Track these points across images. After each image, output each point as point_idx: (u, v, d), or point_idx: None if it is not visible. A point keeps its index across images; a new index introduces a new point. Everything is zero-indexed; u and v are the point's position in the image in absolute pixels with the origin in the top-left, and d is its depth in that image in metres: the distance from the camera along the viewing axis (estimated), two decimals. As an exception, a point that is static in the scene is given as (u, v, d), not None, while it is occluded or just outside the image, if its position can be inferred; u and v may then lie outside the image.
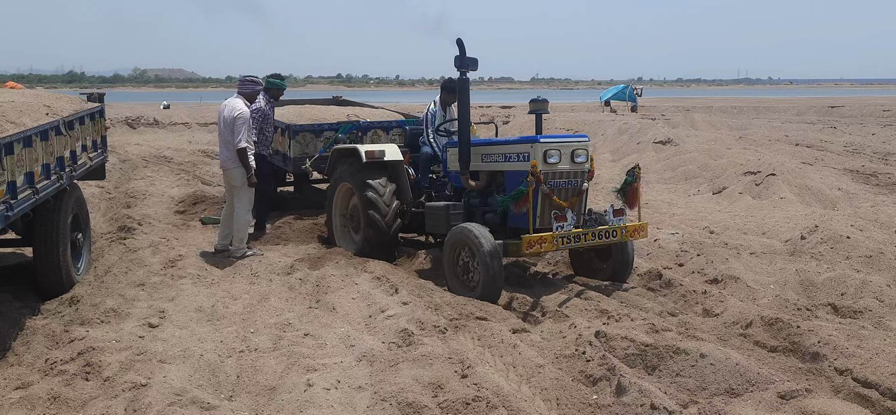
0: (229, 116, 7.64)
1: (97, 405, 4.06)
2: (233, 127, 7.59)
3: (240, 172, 7.72)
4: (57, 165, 5.98)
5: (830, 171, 13.34)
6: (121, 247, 7.91)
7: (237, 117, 7.60)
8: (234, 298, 6.16)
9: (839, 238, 7.63)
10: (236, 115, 7.61)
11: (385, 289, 6.23)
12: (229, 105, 7.74)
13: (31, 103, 6.11)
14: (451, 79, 7.63)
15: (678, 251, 7.68)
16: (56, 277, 6.23)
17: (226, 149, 7.75)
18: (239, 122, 7.59)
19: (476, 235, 6.12)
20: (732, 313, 5.60)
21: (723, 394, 4.26)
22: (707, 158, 14.95)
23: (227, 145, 7.72)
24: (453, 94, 7.57)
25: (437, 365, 4.45)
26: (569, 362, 4.77)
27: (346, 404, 4.07)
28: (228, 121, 7.64)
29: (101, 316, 5.54)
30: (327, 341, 5.01)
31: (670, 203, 11.53)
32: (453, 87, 7.52)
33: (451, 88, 7.67)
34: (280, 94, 9.10)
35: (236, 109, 7.67)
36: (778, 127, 25.14)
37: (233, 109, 7.68)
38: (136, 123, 26.98)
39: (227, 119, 7.66)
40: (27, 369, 4.67)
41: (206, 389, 4.32)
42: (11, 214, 4.90)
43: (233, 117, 7.61)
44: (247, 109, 7.75)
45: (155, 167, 14.80)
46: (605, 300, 6.09)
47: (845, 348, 4.67)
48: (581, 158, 6.49)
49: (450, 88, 7.71)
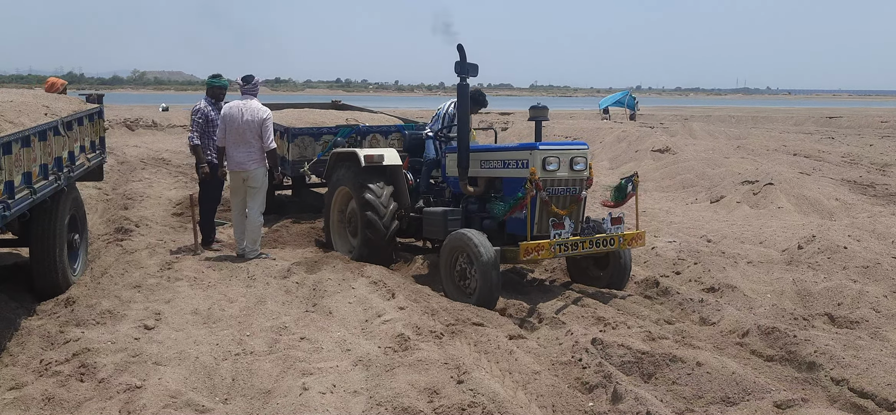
0: (255, 118, 7.55)
1: (91, 407, 4.05)
2: (261, 128, 7.56)
3: (262, 173, 7.70)
4: (55, 166, 5.97)
5: (828, 181, 13.36)
6: (118, 248, 7.91)
7: (266, 119, 7.61)
8: (230, 300, 6.15)
9: (836, 248, 7.64)
10: (265, 116, 7.61)
11: (382, 294, 6.22)
12: (249, 107, 7.59)
13: (29, 103, 6.10)
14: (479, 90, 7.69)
15: (675, 259, 7.68)
16: (52, 277, 6.22)
17: (244, 150, 7.62)
18: (268, 123, 7.62)
19: (474, 241, 6.11)
20: (729, 322, 5.59)
21: (719, 402, 4.25)
22: (705, 166, 14.97)
23: (247, 147, 7.61)
24: (477, 104, 7.65)
25: (432, 370, 4.44)
26: (565, 368, 4.77)
27: (342, 408, 4.06)
28: (254, 123, 7.54)
29: (96, 317, 5.52)
30: (323, 345, 5.00)
31: (668, 211, 11.53)
32: (478, 99, 7.62)
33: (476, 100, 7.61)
34: (222, 94, 8.63)
35: (261, 110, 7.63)
36: (776, 137, 25.18)
37: (256, 110, 7.59)
38: (134, 125, 26.98)
39: (251, 122, 7.54)
40: (22, 370, 4.65)
41: (202, 391, 4.30)
42: (8, 214, 4.88)
43: (261, 119, 7.57)
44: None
45: (153, 169, 14.79)
46: (601, 308, 6.09)
47: (842, 358, 4.67)
48: (580, 166, 6.49)
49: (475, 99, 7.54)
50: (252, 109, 7.61)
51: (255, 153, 7.66)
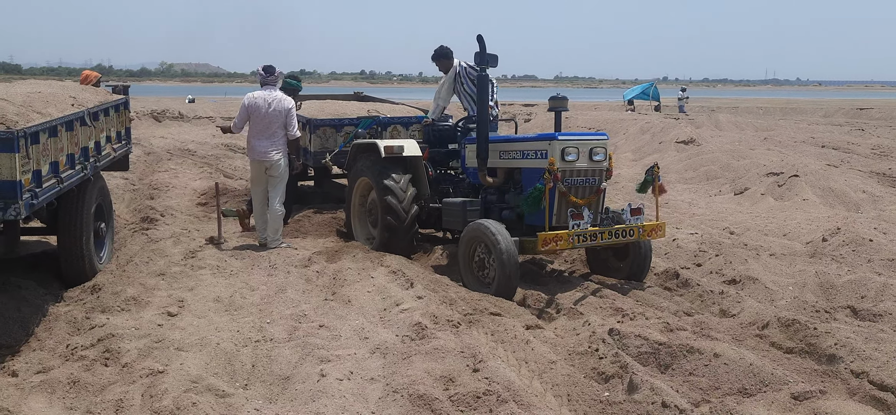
0: (281, 108, 7.79)
1: (115, 390, 4.14)
2: (287, 117, 7.81)
3: (283, 163, 7.90)
4: (81, 156, 6.09)
5: (856, 173, 13.15)
6: (143, 237, 8.04)
7: (291, 108, 7.89)
8: (251, 288, 6.23)
9: (861, 241, 7.54)
10: (289, 106, 7.88)
11: (400, 283, 6.27)
12: (277, 98, 7.82)
13: (57, 94, 6.22)
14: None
15: (697, 251, 7.63)
16: (79, 265, 6.35)
17: (267, 141, 7.79)
18: (293, 111, 7.90)
19: (492, 231, 6.13)
20: (749, 314, 5.56)
21: (735, 394, 4.24)
22: (730, 158, 14.81)
23: (271, 137, 7.79)
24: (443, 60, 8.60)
25: (449, 359, 4.48)
26: (581, 358, 4.78)
27: (358, 395, 4.11)
28: (280, 113, 7.77)
29: (121, 304, 5.63)
30: (342, 333, 5.06)
31: (691, 203, 11.45)
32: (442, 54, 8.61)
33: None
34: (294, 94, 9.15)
35: (286, 100, 7.89)
36: (804, 128, 24.81)
37: (281, 100, 7.83)
38: (161, 117, 27.28)
39: (277, 111, 7.76)
40: (49, 354, 4.77)
41: (222, 377, 4.38)
42: (36, 202, 5.00)
43: (286, 109, 7.82)
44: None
45: (179, 160, 14.97)
46: (620, 299, 6.08)
47: (862, 351, 4.62)
48: (599, 157, 6.47)
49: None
50: (277, 99, 7.81)
51: (279, 143, 7.83)
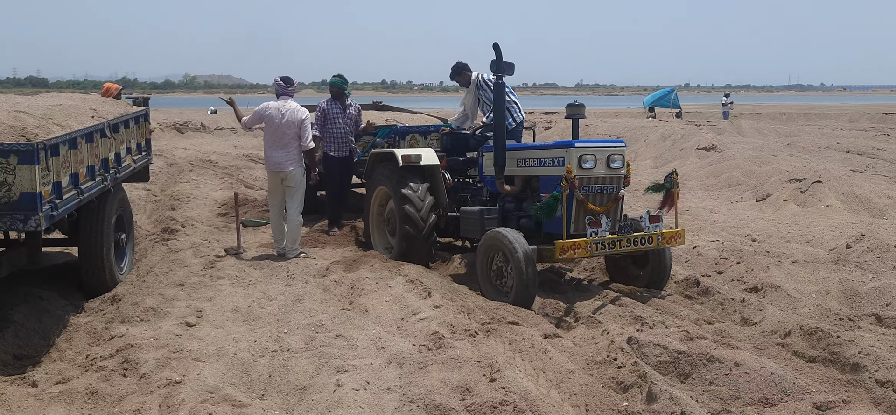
0: (295, 119, 7.78)
1: (133, 401, 4.17)
2: (300, 128, 7.80)
3: (300, 173, 7.90)
4: (101, 167, 6.16)
5: (881, 179, 12.93)
6: (163, 248, 8.10)
7: (305, 119, 7.88)
8: (269, 299, 6.25)
9: (886, 247, 7.41)
10: (303, 116, 7.87)
11: (418, 292, 6.25)
12: (288, 108, 7.82)
13: (77, 106, 6.30)
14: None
15: (718, 259, 7.54)
16: (100, 276, 6.41)
17: (282, 151, 7.80)
18: (307, 122, 7.88)
19: (510, 239, 6.10)
20: (771, 322, 5.47)
21: (756, 403, 4.17)
22: (752, 164, 14.64)
23: (285, 148, 7.79)
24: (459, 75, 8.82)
25: (465, 368, 4.45)
26: (600, 368, 4.73)
27: (375, 405, 4.10)
28: (293, 123, 7.76)
29: (140, 314, 5.67)
30: (358, 343, 5.05)
31: (712, 210, 11.33)
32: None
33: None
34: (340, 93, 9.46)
35: (300, 111, 7.89)
36: (828, 134, 24.47)
37: (295, 111, 7.83)
38: (183, 128, 27.55)
39: (290, 122, 7.75)
40: (69, 365, 4.81)
41: (239, 387, 4.39)
42: (56, 213, 5.06)
43: (300, 119, 7.81)
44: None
45: (200, 171, 15.08)
46: (639, 307, 6.02)
47: (887, 360, 4.53)
48: (617, 164, 6.42)
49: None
50: (291, 110, 7.81)
51: (294, 154, 7.83)
